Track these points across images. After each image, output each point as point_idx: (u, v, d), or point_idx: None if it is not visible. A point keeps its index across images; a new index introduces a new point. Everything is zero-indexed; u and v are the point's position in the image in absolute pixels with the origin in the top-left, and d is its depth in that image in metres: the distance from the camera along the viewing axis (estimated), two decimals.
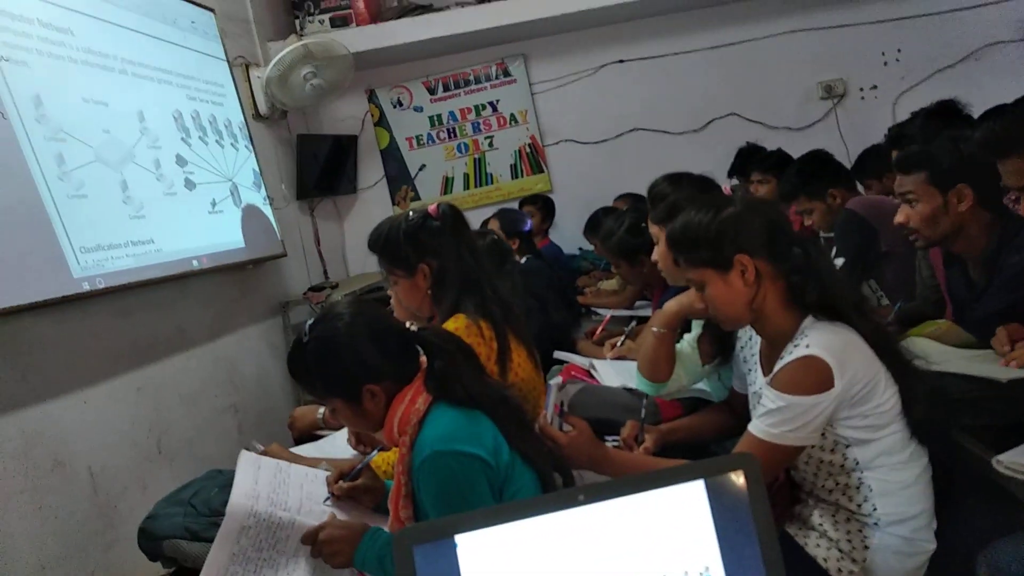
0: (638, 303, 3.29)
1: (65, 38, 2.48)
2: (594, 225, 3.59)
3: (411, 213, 1.80)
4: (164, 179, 2.81)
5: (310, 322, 1.35)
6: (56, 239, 2.23)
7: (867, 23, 4.32)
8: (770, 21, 4.37)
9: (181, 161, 2.94)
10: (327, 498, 1.47)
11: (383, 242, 1.77)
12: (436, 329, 1.41)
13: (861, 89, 4.42)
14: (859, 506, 1.36)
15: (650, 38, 4.43)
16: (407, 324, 1.39)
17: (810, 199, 2.66)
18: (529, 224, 3.50)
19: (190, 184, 2.96)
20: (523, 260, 3.10)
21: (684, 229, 1.42)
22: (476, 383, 1.32)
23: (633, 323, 2.64)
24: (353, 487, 1.48)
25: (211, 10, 3.42)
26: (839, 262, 2.41)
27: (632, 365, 1.85)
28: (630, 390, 1.91)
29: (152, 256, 2.63)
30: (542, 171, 4.58)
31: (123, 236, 2.52)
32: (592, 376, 2.19)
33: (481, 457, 1.21)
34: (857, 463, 1.35)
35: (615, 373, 2.10)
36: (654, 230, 1.90)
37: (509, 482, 1.26)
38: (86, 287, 2.30)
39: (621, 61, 4.46)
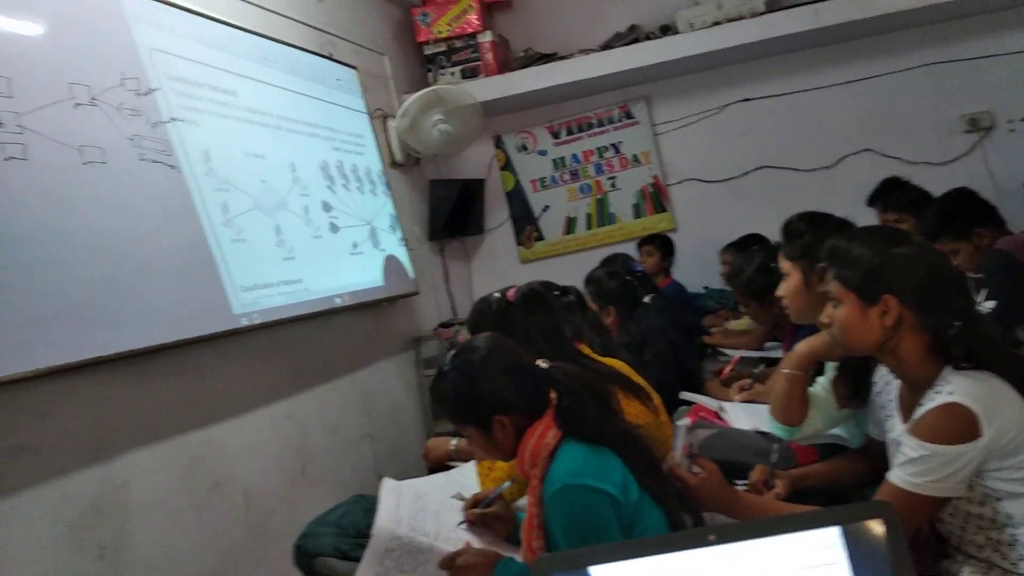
0: (768, 344, 3.22)
1: (230, 99, 2.77)
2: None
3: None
4: (312, 224, 3.05)
5: (452, 352, 1.46)
6: (220, 279, 2.47)
7: (1015, 52, 4.07)
8: (907, 54, 4.21)
9: (327, 207, 3.18)
10: (461, 522, 1.56)
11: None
12: (566, 368, 1.47)
13: (1010, 121, 4.15)
14: (1014, 564, 1.28)
15: (777, 76, 4.37)
16: (539, 362, 1.46)
17: (955, 239, 2.52)
18: (639, 265, 3.52)
19: (334, 228, 3.20)
20: (647, 300, 3.12)
21: (849, 246, 1.39)
22: (604, 422, 1.36)
23: (762, 365, 2.59)
24: (485, 514, 1.56)
25: (354, 68, 3.71)
26: (989, 305, 2.28)
27: (763, 408, 1.82)
28: (762, 433, 1.89)
29: (301, 294, 2.85)
30: (665, 210, 4.59)
31: (276, 276, 2.75)
32: (721, 418, 2.17)
33: (609, 493, 1.25)
34: (1010, 518, 1.28)
35: (746, 416, 2.08)
36: (786, 266, 1.88)
37: (638, 519, 1.29)
38: (244, 322, 2.52)
39: (747, 100, 4.42)
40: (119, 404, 2.13)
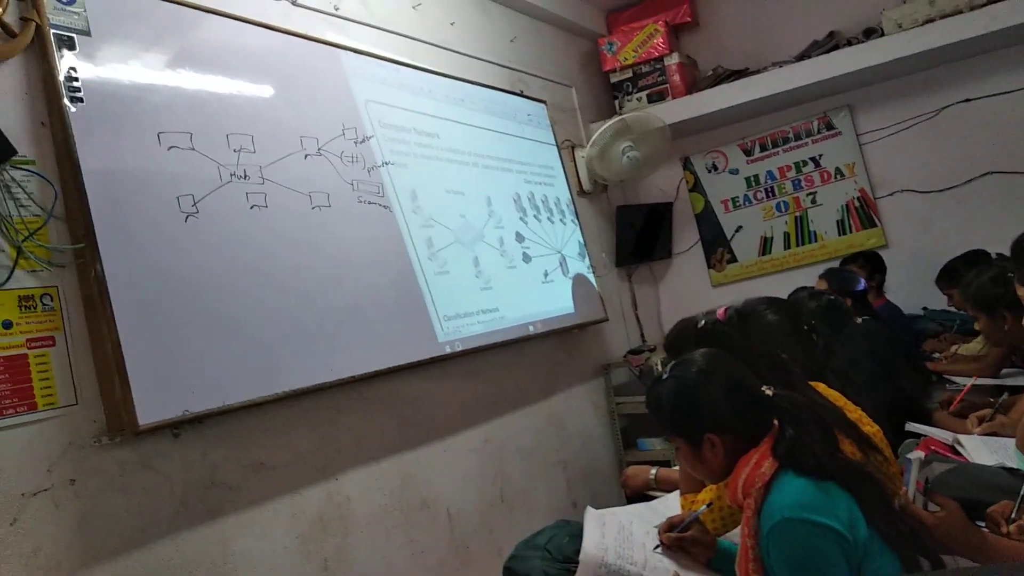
0: (1004, 370, 2.86)
1: (433, 141, 2.96)
2: (950, 275, 3.29)
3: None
4: (506, 254, 3.17)
5: (673, 362, 1.45)
6: (427, 309, 2.63)
7: None
8: None
9: (519, 238, 3.29)
10: (657, 546, 1.54)
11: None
12: (792, 397, 1.40)
13: None
14: None
15: (1002, 71, 3.92)
16: (764, 389, 1.40)
17: None
18: (863, 284, 3.27)
19: (527, 258, 3.29)
20: (859, 321, 2.90)
21: None
22: (829, 455, 1.28)
23: (1004, 394, 2.30)
24: (681, 538, 1.53)
25: (543, 102, 3.82)
26: None
27: (1008, 442, 1.62)
28: (1010, 470, 1.68)
29: (497, 322, 2.96)
30: (874, 225, 4.25)
31: (475, 305, 2.88)
32: (956, 452, 1.96)
33: (836, 529, 1.17)
34: None
35: (987, 450, 1.86)
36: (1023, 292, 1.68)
37: (867, 561, 1.19)
38: (448, 350, 2.66)
39: (967, 100, 4.01)
40: (342, 426, 2.32)
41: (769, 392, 1.37)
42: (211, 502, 1.92)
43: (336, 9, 2.70)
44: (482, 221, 3.09)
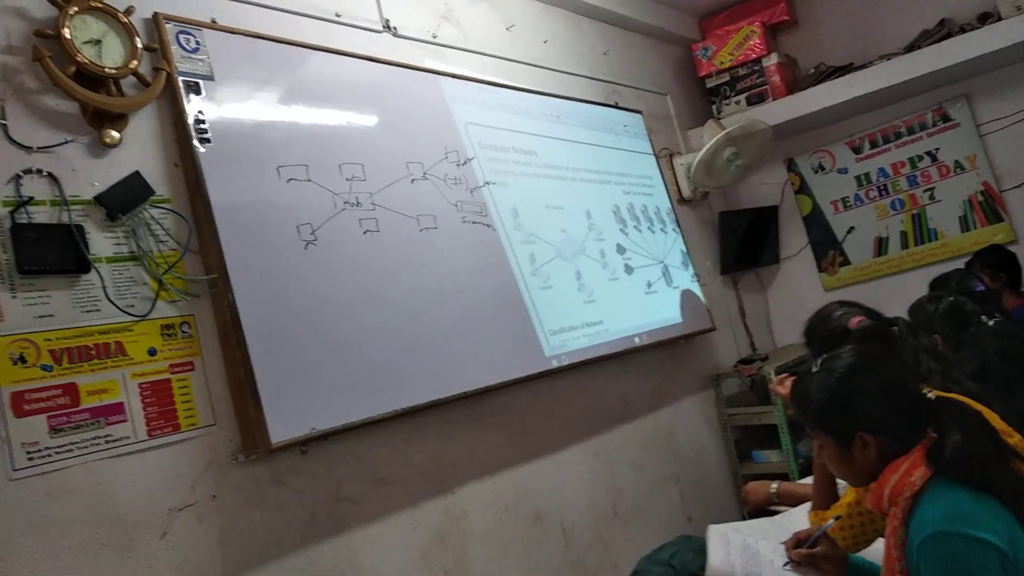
0: None
1: (531, 159, 3.00)
2: None
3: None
4: (608, 267, 3.16)
5: (826, 355, 1.39)
6: (532, 324, 2.66)
7: None
8: None
9: (620, 249, 3.28)
10: (786, 563, 1.49)
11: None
12: (958, 401, 1.32)
13: None
14: None
15: None
16: (927, 391, 1.34)
17: None
18: (979, 285, 3.06)
19: (629, 269, 3.27)
20: (989, 323, 2.71)
21: None
22: (998, 467, 1.19)
23: None
24: (811, 554, 1.47)
25: (639, 112, 3.80)
26: None
27: None
28: None
29: (602, 335, 2.95)
30: (1001, 219, 3.98)
31: (579, 319, 2.89)
32: None
33: (996, 546, 1.09)
34: None
35: None
36: None
37: None
38: (554, 364, 2.68)
39: None
40: (456, 441, 2.37)
41: (932, 395, 1.30)
42: (338, 516, 2.00)
43: (434, 37, 2.79)
44: (583, 234, 3.10)
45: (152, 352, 1.76)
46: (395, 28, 2.64)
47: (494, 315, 2.52)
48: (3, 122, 1.65)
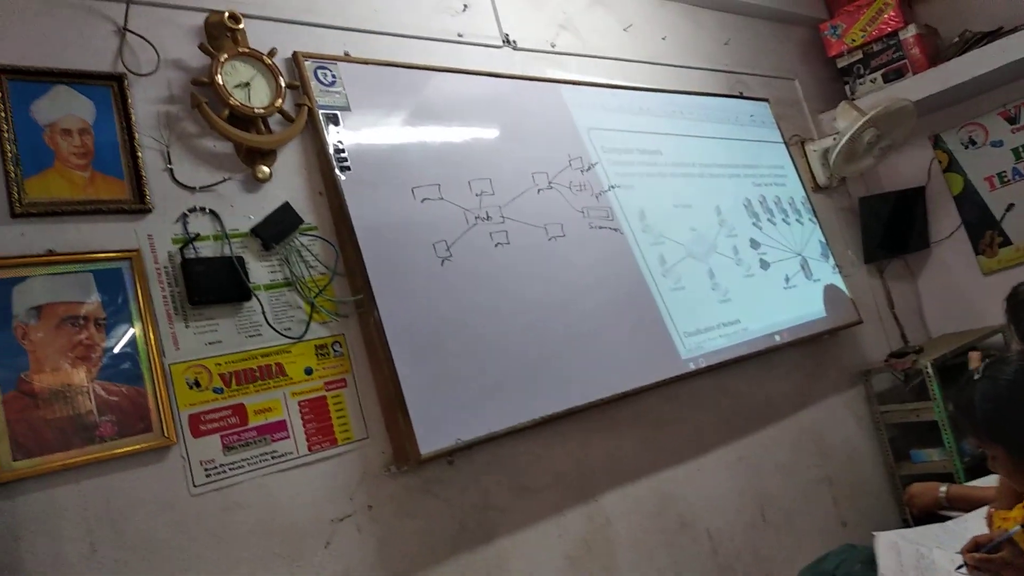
0: None
1: (656, 158, 2.96)
2: None
3: None
4: (742, 263, 3.06)
5: (987, 361, 1.32)
6: (666, 327, 2.62)
7: None
8: None
9: (754, 244, 3.16)
10: (960, 566, 1.38)
11: None
12: None
13: None
14: None
15: None
16: None
17: None
18: None
19: (764, 264, 3.15)
20: None
21: None
22: None
23: None
24: (991, 559, 1.35)
25: (766, 100, 3.66)
26: None
27: None
28: None
29: (740, 335, 2.86)
30: None
31: (715, 319, 2.81)
32: None
33: None
34: None
35: None
36: None
37: None
38: (691, 367, 2.62)
39: None
40: (595, 448, 2.37)
41: None
42: (486, 524, 2.05)
43: (553, 46, 2.81)
44: (713, 232, 3.02)
45: (308, 371, 1.87)
46: (514, 42, 2.68)
47: (626, 320, 2.50)
48: (170, 166, 1.81)
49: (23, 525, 1.43)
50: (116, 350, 1.61)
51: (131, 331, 1.63)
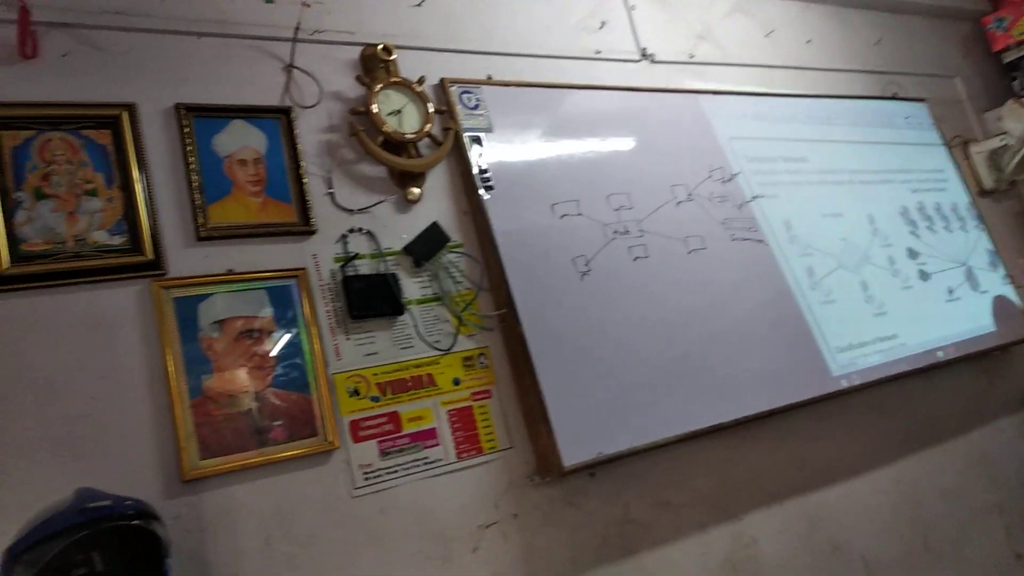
0: None
1: (801, 166, 2.85)
2: None
3: None
4: (899, 274, 2.88)
5: None
6: (815, 343, 2.51)
7: None
8: None
9: (912, 254, 2.98)
10: None
11: None
12: None
13: None
14: None
15: None
16: None
17: None
18: None
19: (924, 275, 2.96)
20: None
21: None
22: None
23: None
24: None
25: (922, 100, 3.44)
26: None
27: None
28: None
29: (897, 350, 2.69)
30: None
31: (869, 334, 2.66)
32: None
33: None
34: None
35: None
36: None
37: None
38: (843, 384, 2.50)
39: None
40: (739, 466, 2.31)
41: None
42: (628, 538, 2.04)
43: (691, 57, 2.78)
44: (866, 241, 2.86)
45: (456, 382, 1.95)
46: (652, 56, 2.68)
47: (771, 335, 2.42)
48: (331, 191, 1.95)
49: (207, 518, 1.59)
50: (286, 360, 1.75)
51: (299, 343, 1.78)
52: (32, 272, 1.56)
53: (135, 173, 1.71)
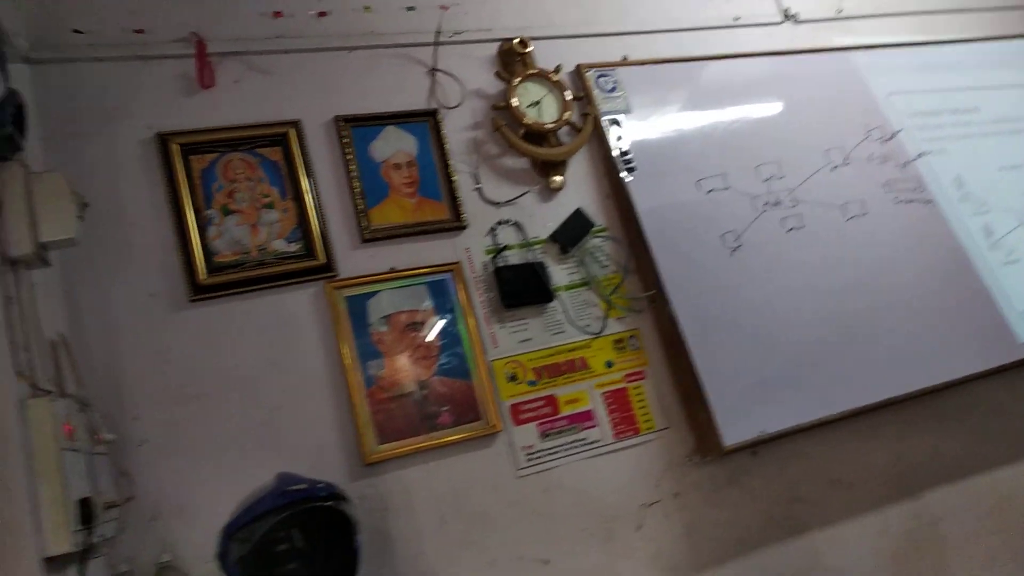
0: None
1: (971, 117, 2.62)
2: None
3: None
4: None
5: None
6: (995, 307, 2.31)
7: None
8: None
9: None
10: None
11: None
12: None
13: None
14: None
15: None
16: None
17: None
18: None
19: None
20: None
21: None
22: None
23: None
24: None
25: None
26: None
27: None
28: None
29: None
30: None
31: None
32: None
33: None
34: None
35: None
36: None
37: None
38: None
39: None
40: (916, 441, 2.18)
41: None
42: (795, 517, 2.00)
43: (839, 12, 2.63)
44: None
45: (609, 364, 1.98)
46: (795, 16, 2.56)
47: (944, 301, 2.26)
48: (478, 186, 2.03)
49: (388, 499, 1.72)
50: (448, 349, 1.86)
51: (458, 333, 1.88)
52: (225, 281, 1.75)
53: (304, 184, 1.87)
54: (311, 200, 1.87)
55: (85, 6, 1.86)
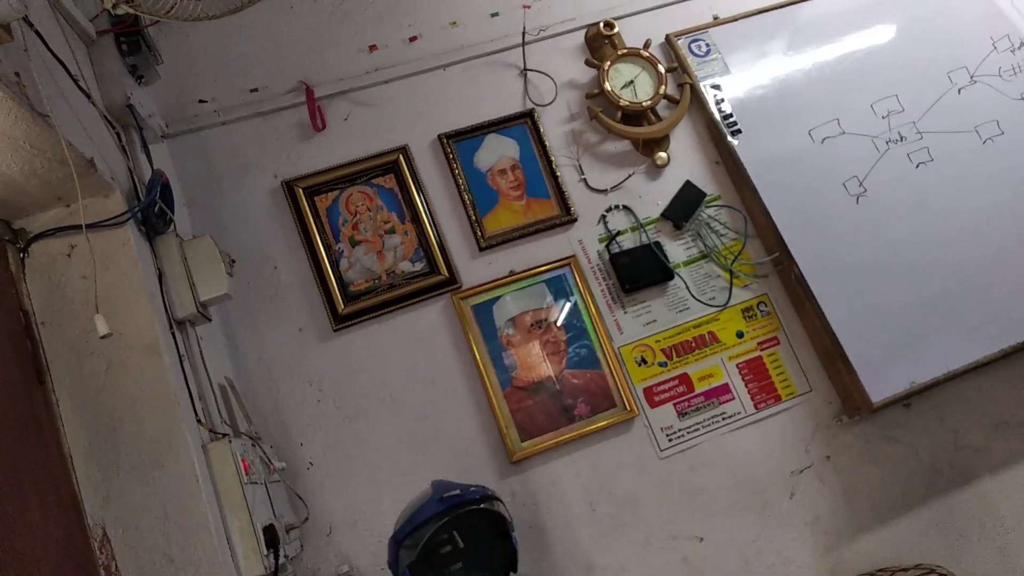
0: None
1: None
2: None
3: None
4: None
5: None
6: None
7: None
8: None
9: None
10: None
11: None
12: None
13: None
14: None
15: None
16: None
17: None
18: None
19: None
20: None
21: None
22: None
23: None
24: None
25: None
26: None
27: None
28: None
29: None
30: None
31: None
32: None
33: None
34: None
35: None
36: None
37: None
38: None
39: None
40: None
41: None
42: (962, 465, 1.91)
43: None
44: None
45: (740, 335, 1.97)
46: None
47: None
48: (583, 177, 2.06)
49: (538, 492, 1.81)
50: (575, 342, 1.91)
51: (583, 324, 1.93)
52: (362, 308, 1.89)
53: (419, 205, 1.98)
54: (427, 219, 1.97)
55: (205, 77, 2.04)
